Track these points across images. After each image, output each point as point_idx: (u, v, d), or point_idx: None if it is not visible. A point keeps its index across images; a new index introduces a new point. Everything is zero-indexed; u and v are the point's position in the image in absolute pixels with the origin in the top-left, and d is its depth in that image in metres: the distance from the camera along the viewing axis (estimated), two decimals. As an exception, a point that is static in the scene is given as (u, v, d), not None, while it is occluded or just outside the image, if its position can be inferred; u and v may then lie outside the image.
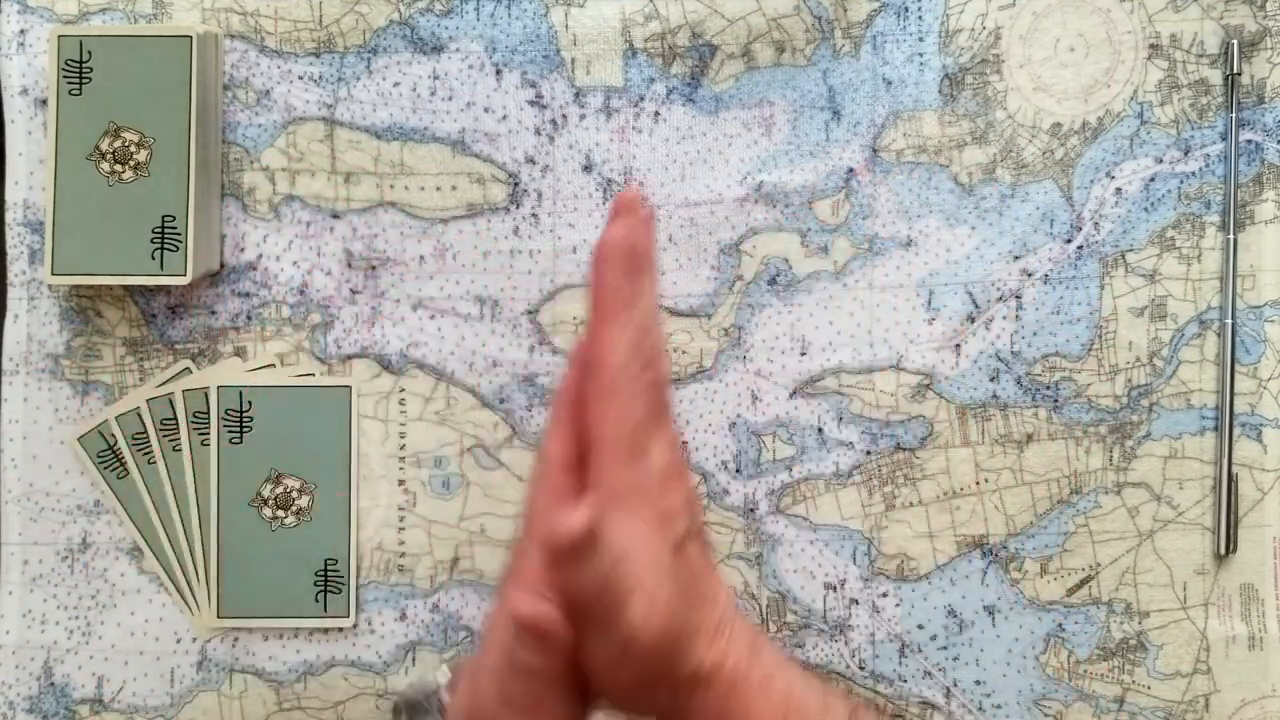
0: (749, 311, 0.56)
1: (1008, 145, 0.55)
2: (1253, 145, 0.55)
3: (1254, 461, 0.55)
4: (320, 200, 0.56)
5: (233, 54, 0.55)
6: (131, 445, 0.55)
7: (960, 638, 0.56)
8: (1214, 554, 0.55)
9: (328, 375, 0.56)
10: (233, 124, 0.56)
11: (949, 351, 0.56)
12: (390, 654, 0.56)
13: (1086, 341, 0.55)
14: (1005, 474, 0.56)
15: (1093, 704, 0.55)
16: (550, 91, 0.55)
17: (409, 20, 0.55)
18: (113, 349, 0.56)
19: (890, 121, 0.55)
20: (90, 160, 0.53)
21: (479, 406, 0.56)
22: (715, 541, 0.56)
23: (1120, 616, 0.55)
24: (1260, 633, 0.55)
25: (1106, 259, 0.55)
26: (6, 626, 0.55)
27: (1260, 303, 0.55)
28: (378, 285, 0.56)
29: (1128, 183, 0.55)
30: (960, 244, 0.55)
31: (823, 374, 0.56)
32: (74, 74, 0.53)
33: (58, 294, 0.56)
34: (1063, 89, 0.55)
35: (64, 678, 0.55)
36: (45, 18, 0.55)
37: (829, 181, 0.56)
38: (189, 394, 0.54)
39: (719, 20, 0.55)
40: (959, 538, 0.56)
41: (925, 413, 0.56)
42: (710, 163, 0.56)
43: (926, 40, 0.55)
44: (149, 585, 0.56)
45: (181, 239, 0.53)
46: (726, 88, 0.55)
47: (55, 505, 0.55)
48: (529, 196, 0.56)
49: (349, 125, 0.56)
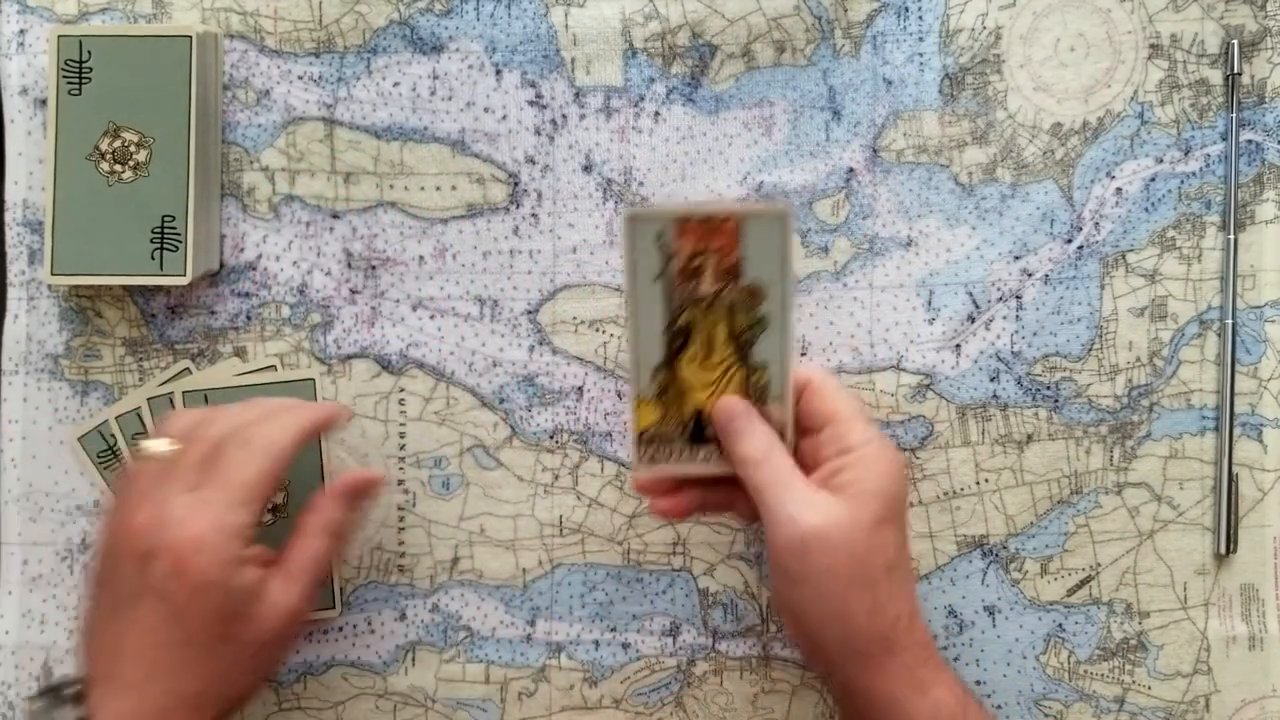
0: (749, 311, 0.56)
1: (1008, 145, 0.55)
2: (1253, 145, 0.55)
3: (1254, 461, 0.55)
4: (320, 200, 0.56)
5: (233, 54, 0.55)
6: (131, 445, 0.55)
7: (960, 638, 0.56)
8: (1214, 554, 0.55)
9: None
10: (233, 124, 0.56)
11: (949, 351, 0.56)
12: (390, 654, 0.56)
13: (1087, 341, 0.55)
14: (1005, 474, 0.55)
15: (1093, 704, 0.55)
16: (550, 91, 0.55)
17: (409, 20, 0.55)
18: (112, 349, 0.56)
19: (890, 121, 0.55)
20: (90, 160, 0.53)
21: (479, 406, 0.56)
22: (715, 541, 0.56)
23: (1120, 616, 0.55)
24: (1260, 633, 0.55)
25: (1107, 259, 0.55)
26: (6, 626, 0.55)
27: (1260, 303, 0.55)
28: (378, 285, 0.56)
29: (1128, 183, 0.55)
30: (960, 244, 0.55)
31: (823, 374, 0.56)
32: (74, 74, 0.53)
33: (57, 294, 0.56)
34: (1063, 89, 0.55)
35: (64, 678, 0.55)
36: (45, 18, 0.55)
37: (829, 181, 0.56)
38: (189, 394, 0.54)
39: (719, 20, 0.55)
40: (959, 538, 0.56)
41: (925, 413, 0.56)
42: (710, 163, 0.56)
43: (926, 40, 0.55)
44: (149, 585, 0.56)
45: (181, 239, 0.53)
46: (726, 88, 0.55)
47: (55, 505, 0.55)
48: (529, 196, 0.56)
49: (349, 125, 0.56)
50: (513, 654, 0.56)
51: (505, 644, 0.56)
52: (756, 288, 0.47)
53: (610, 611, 0.56)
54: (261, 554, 0.47)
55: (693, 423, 0.49)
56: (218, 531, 0.45)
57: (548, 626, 0.56)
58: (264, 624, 0.46)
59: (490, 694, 0.56)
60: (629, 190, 0.55)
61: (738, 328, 0.48)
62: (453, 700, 0.56)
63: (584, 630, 0.56)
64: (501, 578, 0.56)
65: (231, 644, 0.46)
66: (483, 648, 0.56)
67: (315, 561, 0.48)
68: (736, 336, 0.48)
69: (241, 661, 0.46)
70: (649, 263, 0.47)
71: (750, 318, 0.48)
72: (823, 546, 0.45)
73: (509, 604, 0.56)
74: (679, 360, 0.48)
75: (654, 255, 0.47)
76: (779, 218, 0.46)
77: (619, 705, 0.56)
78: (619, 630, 0.56)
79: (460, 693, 0.56)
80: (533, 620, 0.56)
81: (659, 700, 0.56)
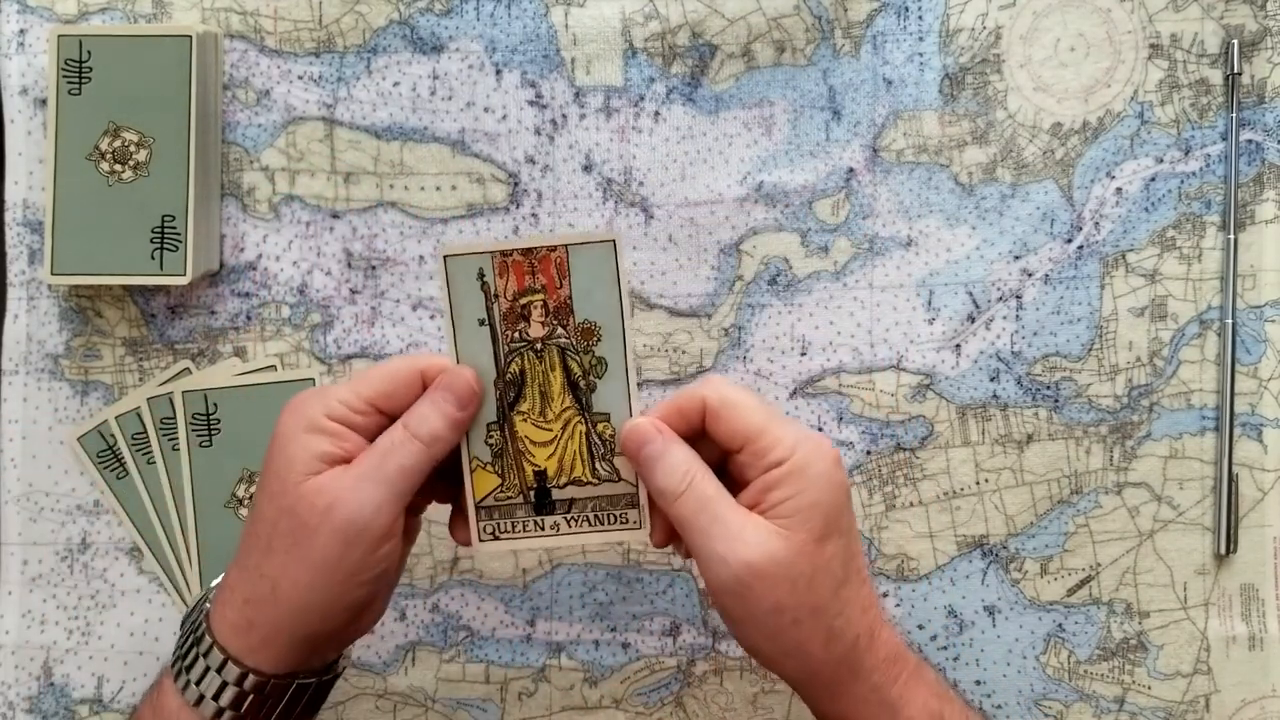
0: (749, 311, 0.56)
1: (1008, 145, 0.55)
2: (1253, 145, 0.55)
3: (1254, 461, 0.55)
4: (320, 200, 0.56)
5: (233, 54, 0.55)
6: (131, 445, 0.55)
7: (960, 638, 0.56)
8: (1214, 554, 0.55)
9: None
10: (233, 124, 0.56)
11: (949, 351, 0.56)
12: (390, 654, 0.56)
13: (1087, 341, 0.55)
14: (1005, 474, 0.55)
15: (1093, 704, 0.55)
16: (550, 91, 0.55)
17: (409, 20, 0.55)
18: (112, 349, 0.56)
19: (890, 121, 0.55)
20: (90, 160, 0.53)
21: (479, 406, 0.56)
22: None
23: (1120, 616, 0.55)
24: (1260, 633, 0.55)
25: (1107, 259, 0.55)
26: (6, 626, 0.55)
27: (1260, 303, 0.55)
28: (378, 285, 0.56)
29: (1128, 183, 0.55)
30: (960, 244, 0.55)
31: (823, 374, 0.56)
32: (74, 74, 0.53)
33: (57, 294, 0.56)
34: (1063, 89, 0.55)
35: (64, 678, 0.55)
36: (45, 18, 0.55)
37: (829, 181, 0.56)
38: (188, 394, 0.54)
39: (719, 20, 0.55)
40: (959, 538, 0.56)
41: (925, 413, 0.56)
42: (710, 163, 0.56)
43: (926, 40, 0.55)
44: (149, 585, 0.56)
45: (181, 239, 0.53)
46: (726, 88, 0.55)
47: (55, 505, 0.55)
48: (529, 196, 0.56)
49: (349, 125, 0.56)
50: (513, 654, 0.56)
51: (505, 644, 0.56)
52: (590, 326, 0.43)
53: (610, 611, 0.56)
54: (345, 437, 0.43)
55: (535, 488, 0.44)
56: (312, 394, 0.44)
57: (548, 626, 0.56)
58: (313, 507, 0.42)
59: (490, 694, 0.56)
60: (629, 190, 0.55)
61: (575, 374, 0.44)
62: (453, 700, 0.56)
63: (584, 630, 0.56)
64: (501, 578, 0.56)
65: (287, 524, 0.42)
66: (483, 648, 0.56)
67: (400, 468, 0.42)
68: (574, 384, 0.44)
69: (299, 558, 0.42)
70: (471, 306, 0.43)
71: (587, 361, 0.43)
72: (762, 585, 0.41)
73: (509, 604, 0.56)
74: (513, 416, 0.44)
75: (476, 297, 0.43)
76: (607, 245, 0.42)
77: (619, 705, 0.56)
78: (619, 630, 0.56)
79: (460, 693, 0.56)
80: (533, 620, 0.56)
81: (659, 700, 0.56)
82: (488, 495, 0.45)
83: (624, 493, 0.45)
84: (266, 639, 0.43)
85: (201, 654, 0.43)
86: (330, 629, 0.43)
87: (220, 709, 0.43)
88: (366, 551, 0.42)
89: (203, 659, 0.43)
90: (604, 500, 0.45)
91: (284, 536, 0.42)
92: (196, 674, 0.43)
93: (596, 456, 0.44)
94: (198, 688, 0.43)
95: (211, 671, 0.43)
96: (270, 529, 0.43)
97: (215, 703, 0.43)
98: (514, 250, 0.42)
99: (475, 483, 0.45)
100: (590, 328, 0.43)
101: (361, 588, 0.43)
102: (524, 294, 0.43)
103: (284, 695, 0.44)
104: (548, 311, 0.43)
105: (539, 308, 0.43)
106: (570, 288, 0.43)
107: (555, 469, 0.45)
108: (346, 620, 0.44)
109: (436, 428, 0.43)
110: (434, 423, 0.43)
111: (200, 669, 0.43)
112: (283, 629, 0.43)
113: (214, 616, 0.44)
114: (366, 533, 0.42)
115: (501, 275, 0.43)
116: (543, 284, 0.43)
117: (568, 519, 0.45)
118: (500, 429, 0.44)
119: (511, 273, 0.43)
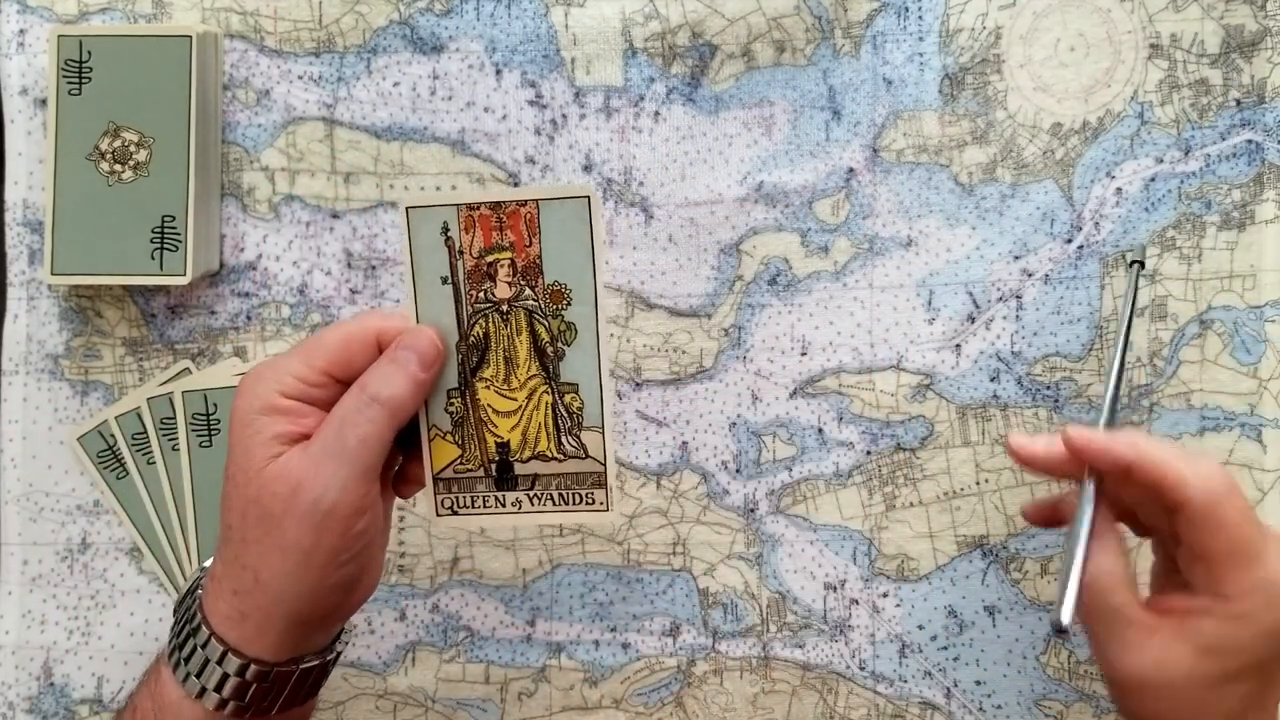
0: (749, 311, 0.56)
1: (1008, 145, 0.55)
2: (1253, 145, 0.55)
3: (1254, 461, 0.55)
4: (320, 200, 0.56)
5: (232, 54, 0.55)
6: (131, 445, 0.55)
7: (960, 638, 0.56)
8: (1214, 554, 0.55)
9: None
10: (232, 124, 0.56)
11: (949, 351, 0.56)
12: (390, 654, 0.56)
13: (1087, 341, 0.55)
14: (1005, 474, 0.55)
15: (1093, 704, 0.55)
16: (550, 91, 0.55)
17: (409, 20, 0.55)
18: (112, 349, 0.56)
19: (890, 121, 0.55)
20: (90, 160, 0.53)
21: (479, 406, 0.56)
22: (715, 541, 0.56)
23: (1120, 617, 0.55)
24: (1260, 633, 0.55)
25: (1107, 259, 0.55)
26: (6, 626, 0.55)
27: (1260, 303, 0.55)
28: (378, 285, 0.56)
29: (1128, 183, 0.55)
30: (960, 244, 0.55)
31: (823, 374, 0.56)
32: (74, 74, 0.53)
33: (57, 294, 0.56)
34: (1063, 89, 0.55)
35: (64, 678, 0.55)
36: (45, 18, 0.55)
37: (829, 181, 0.56)
38: (189, 395, 0.54)
39: (719, 20, 0.55)
40: (959, 538, 0.56)
41: (925, 413, 0.56)
42: (710, 163, 0.56)
43: (926, 40, 0.55)
44: (149, 585, 0.56)
45: (181, 239, 0.53)
46: (726, 88, 0.55)
47: (55, 505, 0.55)
48: (529, 196, 0.56)
49: (349, 125, 0.56)
50: (513, 654, 0.56)
51: (505, 644, 0.56)
52: (560, 288, 0.40)
53: (610, 611, 0.56)
54: (303, 413, 0.42)
55: (497, 462, 0.42)
56: (264, 369, 0.42)
57: (548, 626, 0.56)
58: (276, 495, 0.40)
59: (490, 694, 0.56)
60: (629, 190, 0.55)
61: (542, 339, 0.41)
62: (453, 700, 0.56)
63: (584, 630, 0.56)
64: (501, 578, 0.56)
65: (255, 513, 0.41)
66: (483, 648, 0.56)
67: (360, 439, 0.40)
68: (542, 350, 0.41)
69: (273, 547, 0.41)
70: (434, 262, 0.40)
71: (556, 325, 0.41)
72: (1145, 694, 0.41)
73: (509, 604, 0.56)
74: (475, 382, 0.41)
75: (440, 253, 0.40)
76: (581, 201, 0.40)
77: (619, 705, 0.56)
78: (619, 630, 0.56)
79: (460, 693, 0.56)
80: (533, 620, 0.56)
81: (659, 700, 0.56)
82: (446, 466, 0.42)
83: (591, 470, 0.43)
84: (261, 628, 0.42)
85: (200, 645, 0.42)
86: (323, 610, 0.43)
87: (224, 700, 0.42)
88: (339, 533, 0.41)
89: (201, 650, 0.42)
90: (569, 478, 0.43)
91: (255, 526, 0.41)
92: (196, 665, 0.42)
93: (563, 430, 0.42)
94: (199, 680, 0.42)
95: (212, 664, 0.42)
96: (240, 519, 0.42)
97: (218, 694, 0.42)
98: (481, 204, 0.40)
99: (434, 453, 0.42)
100: (560, 290, 0.40)
101: (344, 567, 0.42)
102: (491, 251, 0.40)
103: (288, 681, 0.43)
104: (515, 271, 0.40)
105: (506, 266, 0.40)
106: (540, 246, 0.40)
107: (519, 441, 0.42)
108: (338, 599, 0.43)
109: (399, 390, 0.40)
110: (397, 384, 0.40)
111: (199, 660, 0.42)
112: (274, 616, 0.42)
113: (207, 607, 0.43)
114: (335, 514, 0.40)
115: (468, 230, 0.40)
116: (511, 241, 0.40)
117: (530, 496, 0.42)
118: (461, 395, 0.41)
119: (478, 228, 0.40)
